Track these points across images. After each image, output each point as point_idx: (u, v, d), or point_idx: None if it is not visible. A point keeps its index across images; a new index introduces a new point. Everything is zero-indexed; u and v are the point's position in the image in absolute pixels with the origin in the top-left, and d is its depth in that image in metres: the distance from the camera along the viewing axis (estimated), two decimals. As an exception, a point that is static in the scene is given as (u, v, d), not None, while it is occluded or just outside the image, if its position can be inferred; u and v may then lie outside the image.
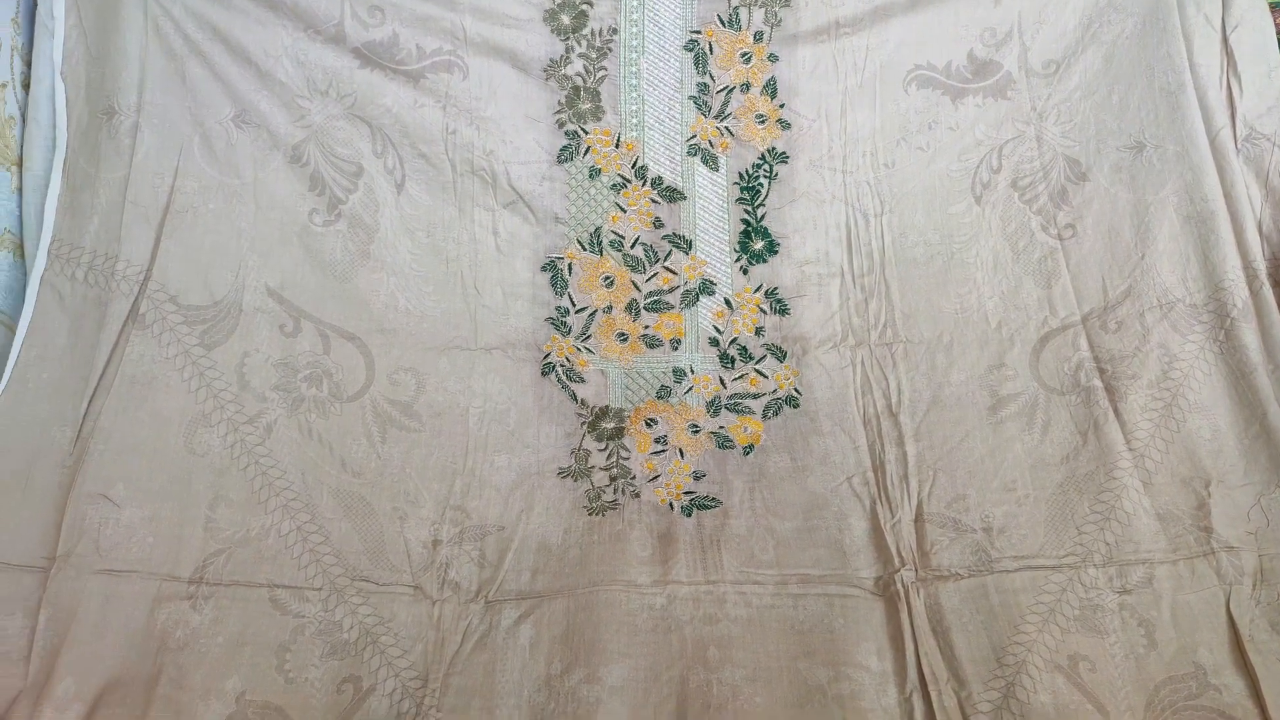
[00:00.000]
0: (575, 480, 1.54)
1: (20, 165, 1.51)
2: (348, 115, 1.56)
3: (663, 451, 1.56)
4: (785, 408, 1.56)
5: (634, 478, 1.54)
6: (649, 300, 1.59)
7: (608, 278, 1.59)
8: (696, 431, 1.56)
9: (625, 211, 1.59)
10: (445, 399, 1.55)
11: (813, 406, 1.55)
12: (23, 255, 1.51)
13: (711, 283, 1.59)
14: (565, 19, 1.56)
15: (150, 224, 1.49)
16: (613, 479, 1.54)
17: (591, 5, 1.56)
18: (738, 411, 1.57)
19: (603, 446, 1.55)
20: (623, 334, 1.58)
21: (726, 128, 1.58)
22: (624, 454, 1.55)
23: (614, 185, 1.59)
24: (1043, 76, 1.52)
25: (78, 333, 1.44)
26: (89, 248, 1.47)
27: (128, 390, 1.42)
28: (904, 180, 1.55)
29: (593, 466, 1.54)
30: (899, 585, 1.35)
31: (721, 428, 1.56)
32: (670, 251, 1.59)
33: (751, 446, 1.54)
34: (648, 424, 1.57)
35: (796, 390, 1.56)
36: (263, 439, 1.46)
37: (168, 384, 1.44)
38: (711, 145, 1.58)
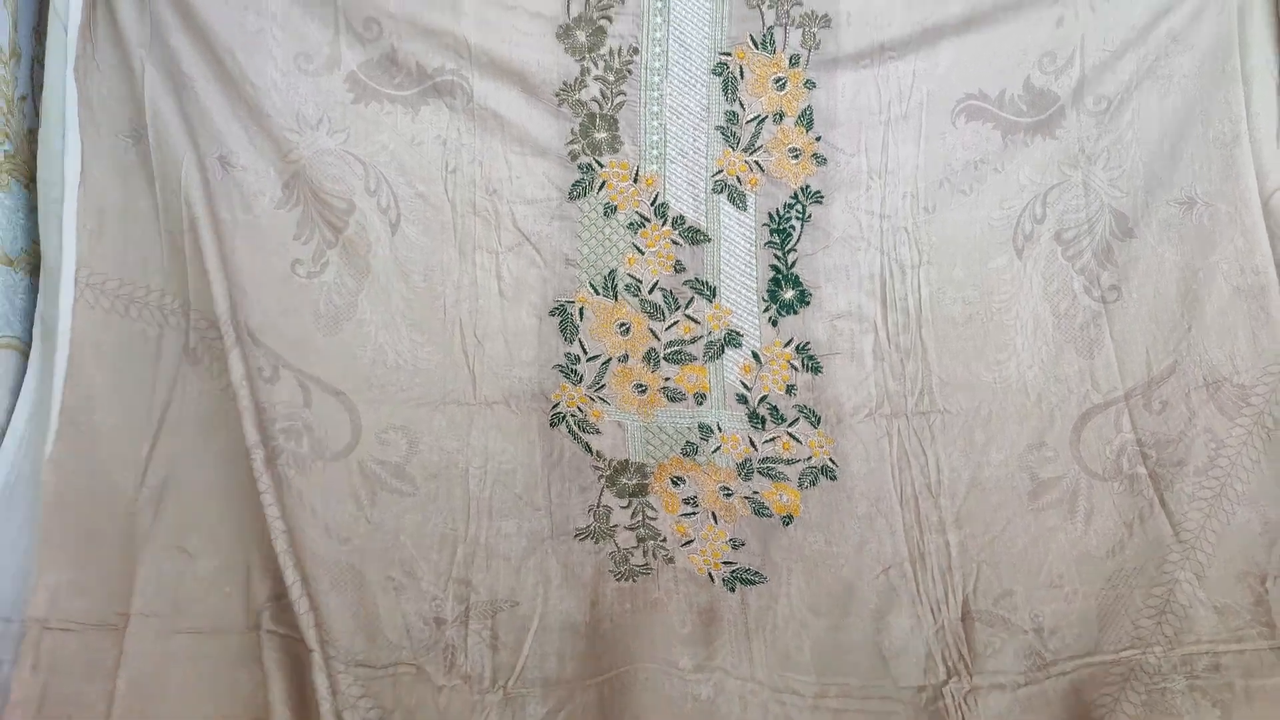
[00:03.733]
0: (597, 542, 1.40)
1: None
2: (340, 152, 1.36)
3: (693, 514, 1.43)
4: (822, 478, 1.44)
5: (664, 540, 1.41)
6: (669, 350, 1.44)
7: (623, 324, 1.43)
8: (729, 495, 1.43)
9: (643, 253, 1.43)
10: (441, 459, 1.39)
11: (849, 481, 1.44)
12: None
13: (737, 334, 1.45)
14: (581, 36, 1.39)
15: (180, 254, 1.36)
16: (640, 540, 1.40)
17: (610, 21, 1.39)
18: (771, 477, 1.44)
19: (625, 503, 1.41)
20: (641, 385, 1.43)
21: (756, 162, 1.43)
22: (650, 513, 1.42)
23: (631, 224, 1.43)
24: (1094, 115, 1.41)
25: (125, 371, 1.35)
26: (129, 279, 1.36)
27: (193, 431, 1.33)
28: (944, 227, 1.43)
29: (615, 525, 1.40)
30: (948, 700, 1.25)
31: (756, 493, 1.44)
32: (692, 298, 1.44)
33: (791, 517, 1.43)
34: (674, 482, 1.43)
35: (832, 461, 1.44)
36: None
37: (226, 421, 1.33)
38: (739, 181, 1.43)
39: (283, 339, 1.36)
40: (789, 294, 1.44)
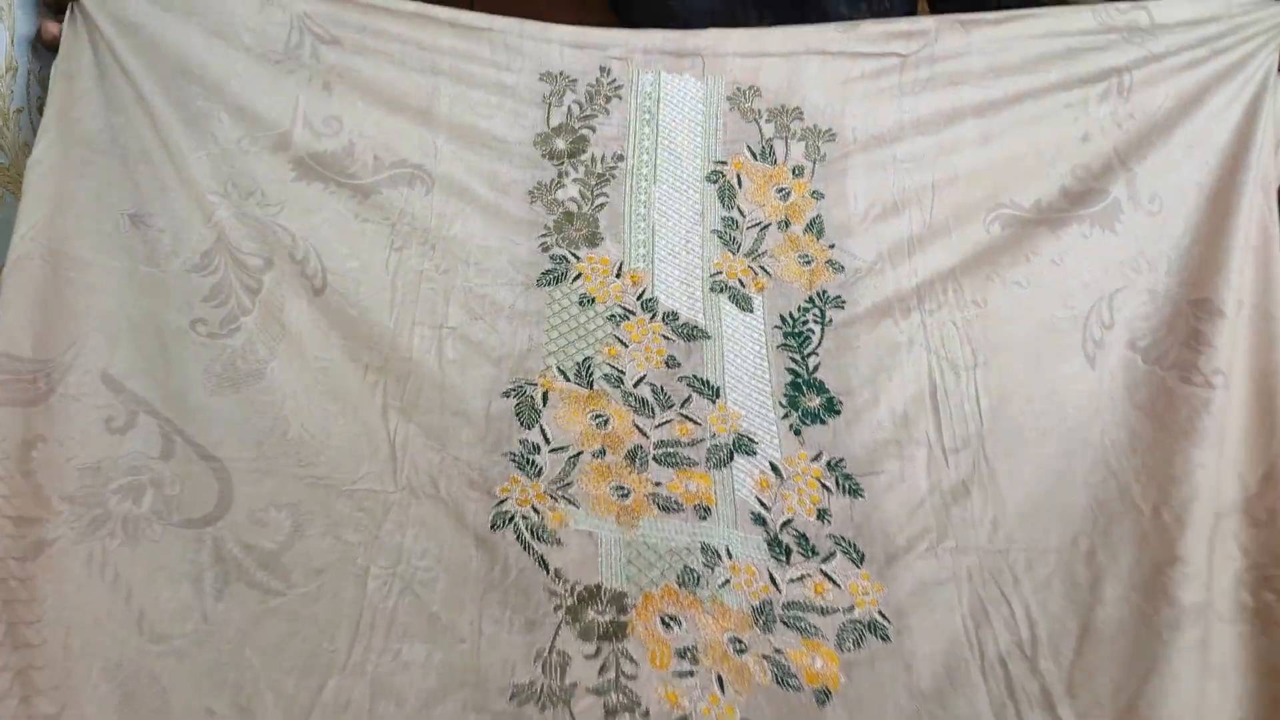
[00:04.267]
0: (543, 709, 0.89)
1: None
2: (269, 222, 1.14)
3: (690, 674, 0.95)
4: (869, 637, 0.99)
5: (646, 713, 0.89)
6: (661, 451, 1.07)
7: (599, 416, 1.08)
8: (742, 652, 0.96)
9: (627, 346, 1.13)
10: (335, 553, 0.96)
11: (908, 642, 1.00)
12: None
13: (750, 440, 1.09)
14: (560, 144, 1.25)
15: None
16: (610, 712, 0.89)
17: (594, 130, 1.26)
18: (800, 630, 0.99)
19: (591, 649, 0.94)
20: (622, 488, 1.03)
21: (761, 266, 1.20)
22: (628, 668, 0.94)
23: (612, 316, 1.15)
24: (1149, 214, 1.22)
25: None
26: None
27: None
28: (1001, 324, 1.16)
29: (574, 685, 0.92)
30: None
31: (779, 652, 0.98)
32: (690, 397, 1.11)
33: (828, 693, 0.95)
34: (665, 623, 0.97)
35: (882, 615, 1.01)
36: (22, 558, 0.84)
37: None
38: (742, 284, 1.19)
39: (154, 387, 1.02)
40: (814, 401, 1.11)
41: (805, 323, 1.16)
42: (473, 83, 1.24)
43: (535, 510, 1.01)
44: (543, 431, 1.06)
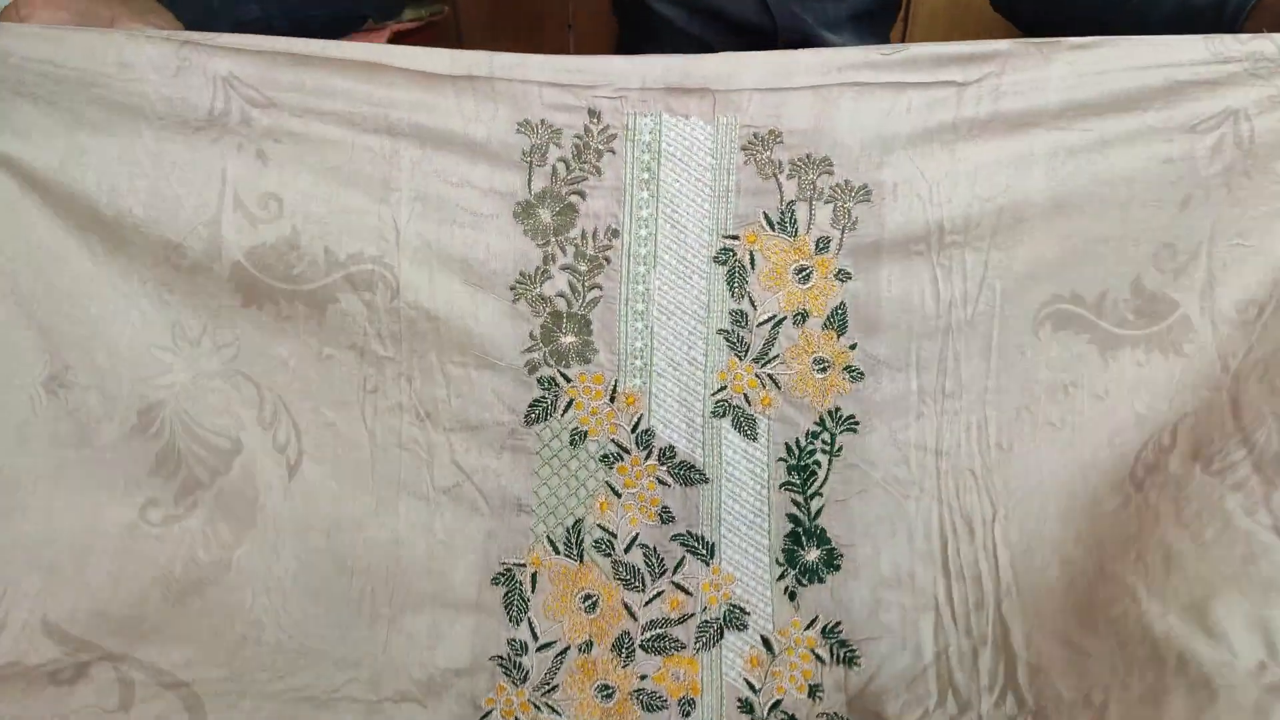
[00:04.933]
0: None
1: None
2: (227, 372, 1.01)
3: None
4: None
5: None
6: (648, 635, 1.05)
7: (589, 597, 1.05)
8: (715, 846, 1.02)
9: (620, 496, 1.07)
10: None
11: None
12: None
13: (742, 611, 1.07)
14: (545, 216, 1.06)
15: None
16: None
17: (584, 197, 1.07)
18: None
19: None
20: (606, 687, 1.04)
21: (770, 376, 1.08)
22: None
23: (605, 456, 1.07)
24: (1239, 324, 1.04)
25: None
26: None
27: None
28: (1027, 471, 1.07)
29: None
30: None
31: None
32: (682, 560, 1.07)
33: None
34: (642, 836, 1.02)
35: None
36: None
37: None
38: (748, 401, 1.08)
39: (105, 623, 0.96)
40: (812, 554, 1.07)
41: (812, 453, 1.08)
42: (437, 141, 1.02)
43: (520, 721, 1.03)
44: (530, 627, 1.04)
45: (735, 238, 1.08)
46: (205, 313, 1.00)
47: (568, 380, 1.06)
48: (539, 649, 1.04)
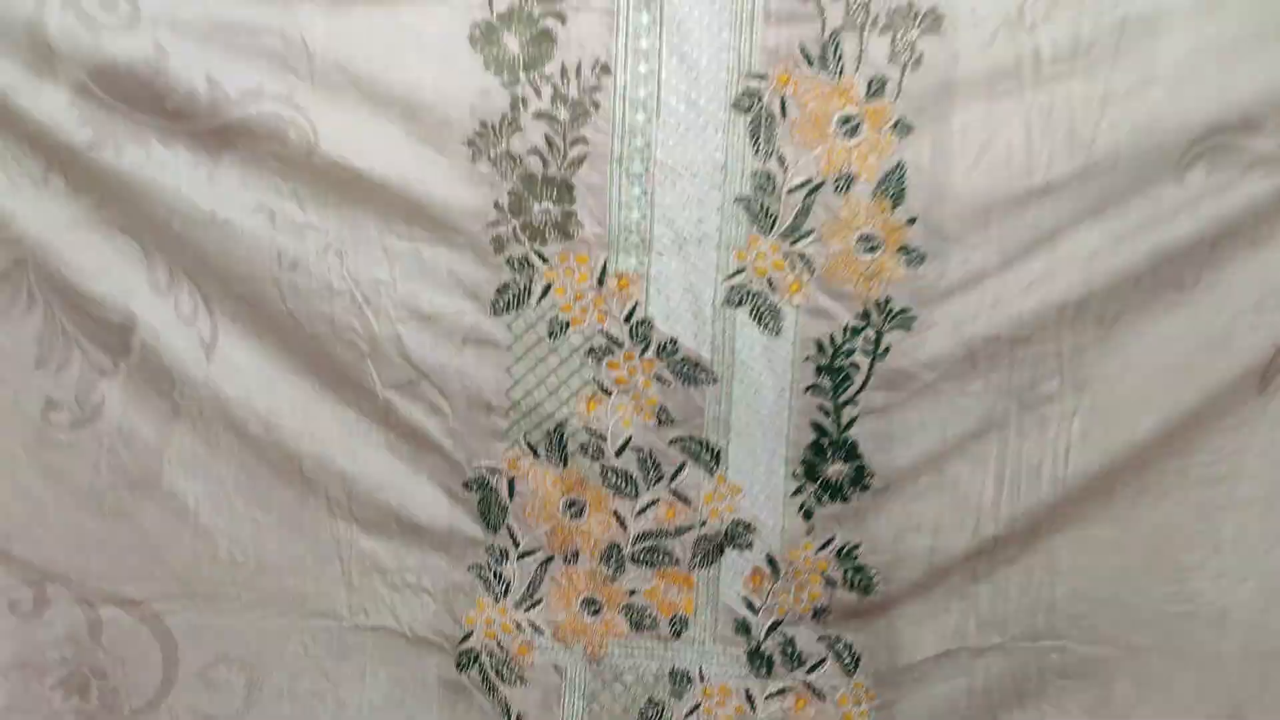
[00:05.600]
0: None
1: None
2: (92, 223, 0.83)
3: None
4: None
5: None
6: (640, 547, 0.93)
7: (574, 503, 0.92)
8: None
9: (610, 395, 0.90)
10: (294, 716, 0.94)
11: None
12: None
13: (748, 527, 0.92)
14: (512, 45, 0.81)
15: None
16: None
17: (563, 20, 0.80)
18: None
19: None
20: (593, 601, 0.94)
21: (802, 256, 0.86)
22: None
23: (592, 350, 0.89)
24: None
25: None
26: None
27: None
28: (1128, 353, 0.85)
29: None
30: None
31: None
32: (683, 466, 0.91)
33: None
34: (623, 766, 0.96)
35: None
36: None
37: None
38: (772, 287, 0.87)
39: (45, 539, 0.89)
40: (836, 469, 0.90)
41: (850, 353, 0.87)
42: None
43: (500, 645, 0.93)
44: (510, 533, 0.92)
45: (762, 77, 0.82)
46: (43, 150, 0.81)
47: (544, 260, 0.86)
48: (520, 556, 0.93)
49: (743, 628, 0.94)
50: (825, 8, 0.79)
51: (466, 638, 0.94)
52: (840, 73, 0.81)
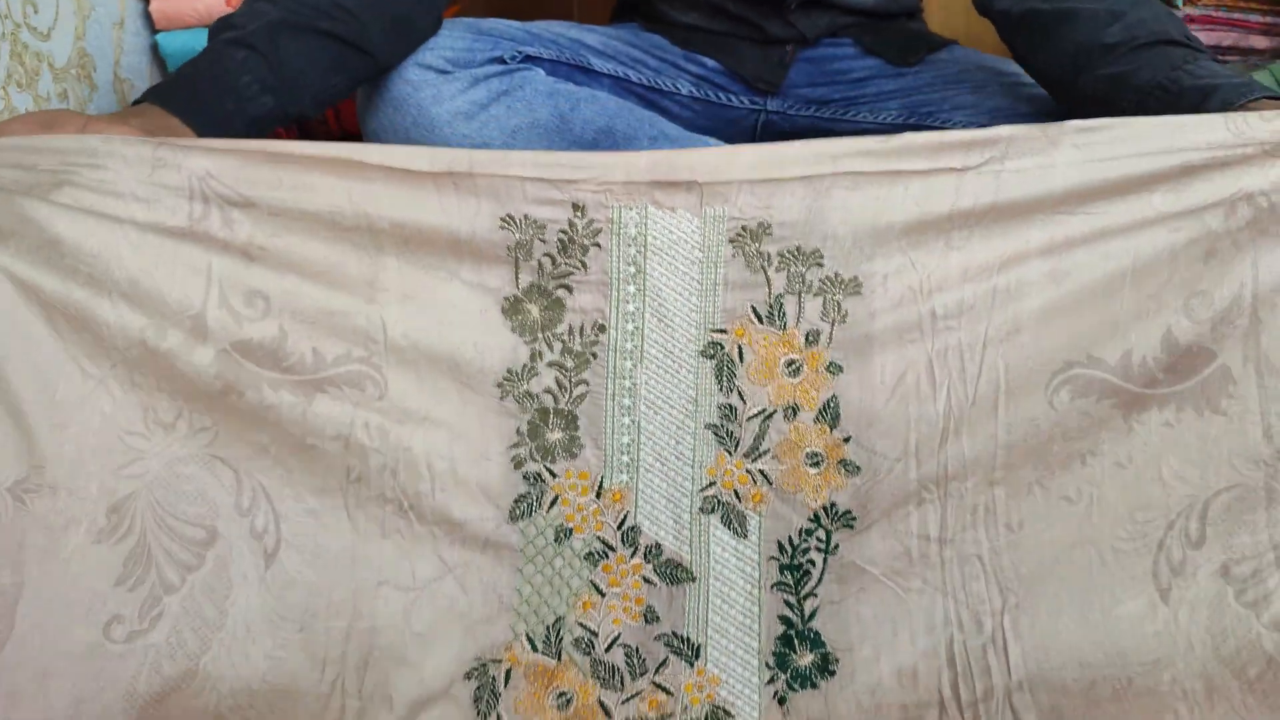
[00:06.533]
0: None
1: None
2: (203, 457, 1.00)
3: None
4: None
5: None
6: (627, 736, 1.02)
7: (563, 695, 1.03)
8: None
9: (604, 595, 1.05)
10: None
11: None
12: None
13: (726, 713, 1.02)
14: (533, 310, 1.06)
15: None
16: None
17: (570, 291, 1.07)
18: None
19: None
20: (583, 790, 1.01)
21: (762, 471, 1.06)
22: None
23: (590, 554, 1.05)
24: None
25: None
26: None
27: None
28: (1040, 552, 1.01)
29: None
30: None
31: None
32: (665, 660, 1.04)
33: None
34: None
35: None
36: None
37: None
38: (738, 498, 1.06)
39: None
40: (806, 659, 1.03)
41: (806, 551, 1.04)
42: (421, 239, 1.04)
43: (482, 839, 1.00)
44: (500, 720, 1.02)
45: (723, 331, 1.07)
46: (181, 396, 0.99)
47: (554, 476, 1.05)
48: (510, 746, 1.01)
49: (726, 812, 1.00)
50: (771, 278, 1.05)
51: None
52: (784, 327, 1.06)
